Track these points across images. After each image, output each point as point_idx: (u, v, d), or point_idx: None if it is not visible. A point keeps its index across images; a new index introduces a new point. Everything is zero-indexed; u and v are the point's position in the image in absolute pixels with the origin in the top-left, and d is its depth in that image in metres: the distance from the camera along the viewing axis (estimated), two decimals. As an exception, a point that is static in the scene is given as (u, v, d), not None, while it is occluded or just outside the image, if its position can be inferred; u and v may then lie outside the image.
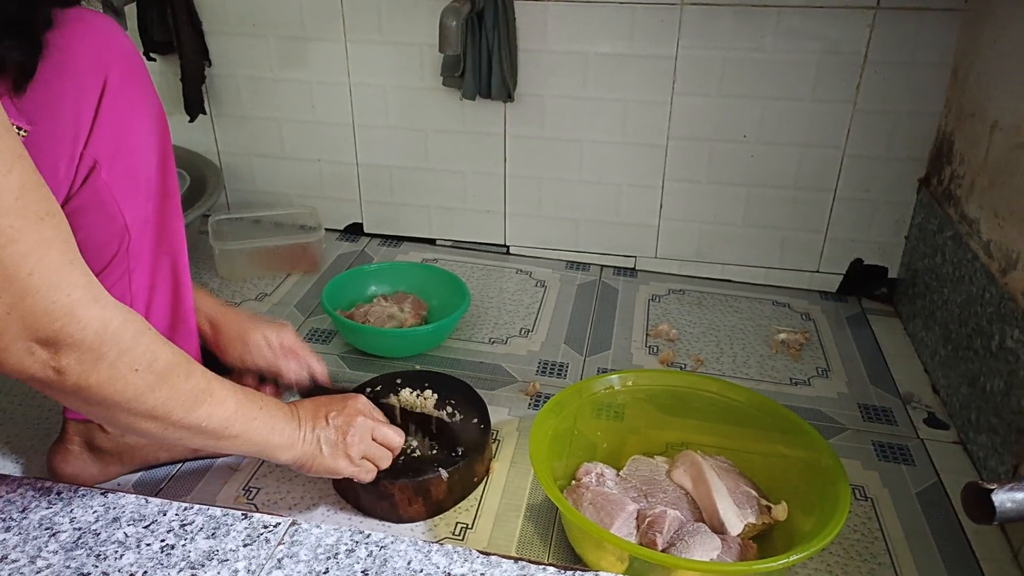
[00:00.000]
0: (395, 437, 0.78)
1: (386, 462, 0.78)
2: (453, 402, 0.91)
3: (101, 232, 0.70)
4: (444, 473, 0.80)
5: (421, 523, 0.82)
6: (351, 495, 0.83)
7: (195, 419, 0.60)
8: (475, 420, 0.88)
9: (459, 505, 0.84)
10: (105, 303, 0.53)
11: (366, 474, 0.76)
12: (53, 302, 0.49)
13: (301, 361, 0.86)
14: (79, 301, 0.50)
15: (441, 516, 0.83)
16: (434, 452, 0.85)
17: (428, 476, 0.80)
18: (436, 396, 0.91)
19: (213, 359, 0.85)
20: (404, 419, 0.87)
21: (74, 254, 0.52)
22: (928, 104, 1.14)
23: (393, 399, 0.91)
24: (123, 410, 0.56)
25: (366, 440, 0.76)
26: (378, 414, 0.79)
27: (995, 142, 0.98)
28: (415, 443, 0.85)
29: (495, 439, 0.94)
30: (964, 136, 1.07)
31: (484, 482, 0.87)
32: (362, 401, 0.78)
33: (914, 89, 1.13)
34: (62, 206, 0.68)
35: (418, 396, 0.91)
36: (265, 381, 0.86)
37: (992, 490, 0.53)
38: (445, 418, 0.88)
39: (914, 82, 1.13)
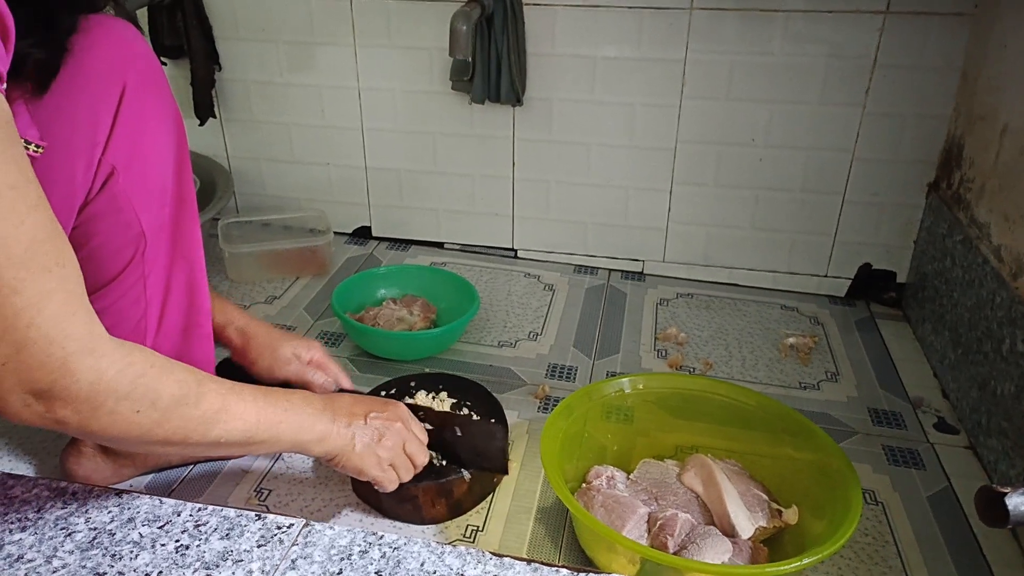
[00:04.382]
0: (421, 456, 0.78)
1: (408, 476, 0.77)
2: (469, 403, 0.91)
3: (117, 238, 0.71)
4: (467, 474, 0.81)
5: (432, 525, 0.82)
6: (372, 498, 0.83)
7: (213, 438, 0.60)
8: (493, 420, 0.88)
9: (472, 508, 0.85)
10: (102, 352, 0.52)
11: (389, 483, 0.75)
12: (48, 356, 0.49)
13: (329, 374, 0.88)
14: (73, 354, 0.50)
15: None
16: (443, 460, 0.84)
17: (451, 478, 0.80)
18: (452, 399, 0.92)
19: (241, 371, 0.86)
20: (430, 419, 0.86)
21: (77, 304, 0.51)
22: (937, 108, 1.14)
23: (421, 398, 0.91)
24: (135, 443, 0.56)
25: (397, 448, 0.75)
26: (415, 426, 0.79)
27: (1005, 146, 0.98)
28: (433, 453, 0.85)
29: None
30: (974, 140, 1.07)
31: (491, 501, 0.86)
32: (404, 410, 0.78)
33: (923, 93, 1.13)
34: (79, 212, 0.69)
35: (433, 398, 0.92)
36: None
37: (1006, 493, 0.53)
38: (473, 417, 0.88)
39: (923, 86, 1.13)
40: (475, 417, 0.88)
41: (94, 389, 0.52)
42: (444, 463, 0.83)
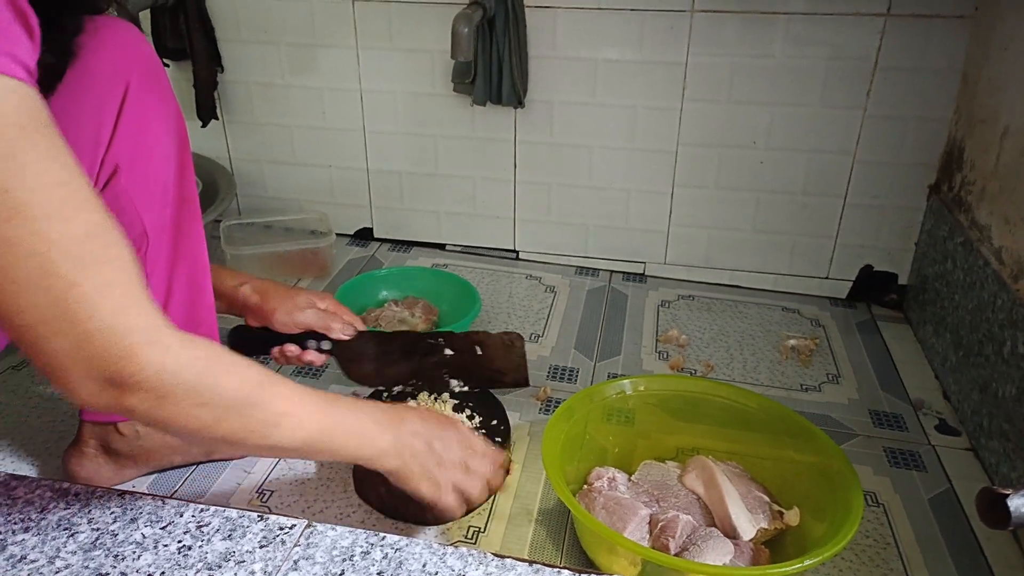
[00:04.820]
0: (489, 469, 0.76)
1: (480, 495, 0.75)
2: (471, 404, 0.91)
3: (121, 236, 0.71)
4: None
5: (434, 527, 0.82)
6: (374, 498, 0.83)
7: (272, 442, 0.60)
8: (495, 423, 0.88)
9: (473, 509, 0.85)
10: (166, 345, 0.53)
11: (448, 508, 0.73)
12: (113, 345, 0.50)
13: (346, 320, 0.91)
14: (137, 344, 0.51)
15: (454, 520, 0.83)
16: None
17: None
18: (453, 400, 0.92)
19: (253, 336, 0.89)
20: (450, 344, 0.89)
21: (137, 295, 0.52)
22: (938, 110, 1.14)
23: (423, 399, 0.92)
24: (197, 438, 0.57)
25: (458, 471, 0.73)
26: (476, 443, 0.77)
27: (1006, 148, 0.98)
28: None
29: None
30: (975, 142, 1.07)
31: (492, 502, 0.86)
32: (462, 431, 0.77)
33: (924, 95, 1.14)
34: None
35: (436, 400, 0.92)
36: (307, 347, 0.89)
37: (1007, 495, 0.53)
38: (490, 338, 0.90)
39: (924, 88, 1.13)
40: (491, 337, 0.90)
41: (160, 379, 0.52)
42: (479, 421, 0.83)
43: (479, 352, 0.85)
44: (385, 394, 0.93)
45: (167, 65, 1.36)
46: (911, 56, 1.12)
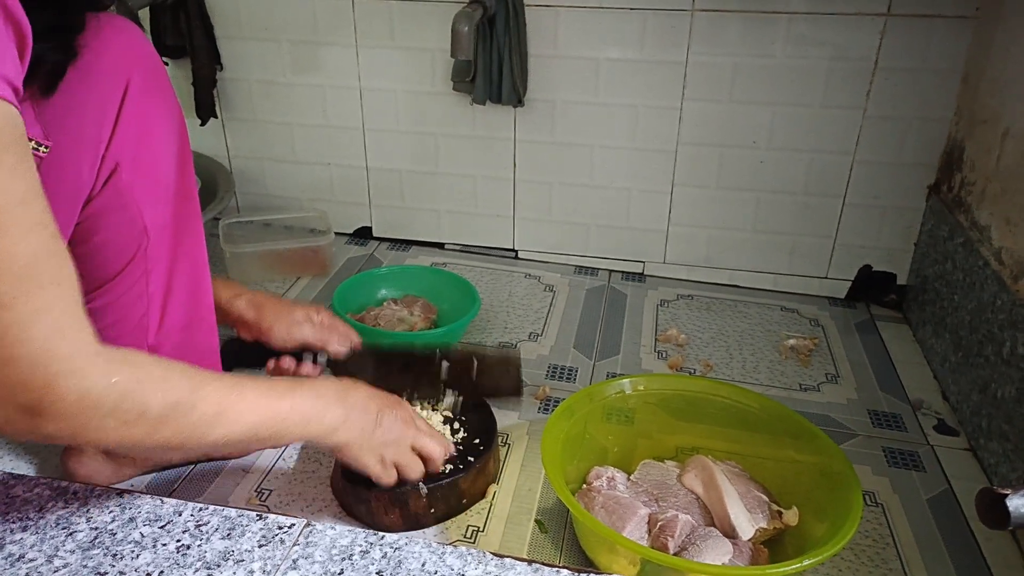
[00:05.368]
0: (436, 448, 0.79)
1: (415, 475, 0.78)
2: (464, 418, 0.90)
3: (122, 234, 0.71)
4: (423, 488, 0.79)
5: (433, 527, 0.82)
6: (340, 495, 0.84)
7: (213, 440, 0.60)
8: (476, 441, 0.87)
9: (471, 508, 0.84)
10: (88, 371, 0.52)
11: (388, 479, 0.76)
12: (32, 375, 0.49)
13: (342, 334, 0.91)
14: (57, 374, 0.50)
15: (453, 519, 0.83)
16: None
17: (405, 488, 0.78)
18: (447, 413, 0.91)
19: (248, 348, 0.88)
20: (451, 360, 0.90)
21: (69, 322, 0.51)
22: (938, 110, 1.14)
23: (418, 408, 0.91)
24: (131, 450, 0.57)
25: (404, 447, 0.76)
26: (421, 423, 0.80)
27: (1006, 149, 0.98)
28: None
29: (505, 443, 0.94)
30: (975, 143, 1.07)
31: (491, 501, 0.85)
32: (407, 408, 0.79)
33: (924, 95, 1.14)
34: (84, 207, 0.69)
35: (433, 409, 0.91)
36: (302, 360, 0.89)
37: (1007, 495, 0.53)
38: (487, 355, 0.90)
39: (924, 88, 1.13)
40: (488, 355, 0.91)
41: (80, 407, 0.51)
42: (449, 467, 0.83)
43: (476, 367, 0.86)
44: None
45: (166, 63, 1.36)
46: (912, 56, 1.11)
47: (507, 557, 0.64)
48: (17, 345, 0.48)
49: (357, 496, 0.80)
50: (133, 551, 0.63)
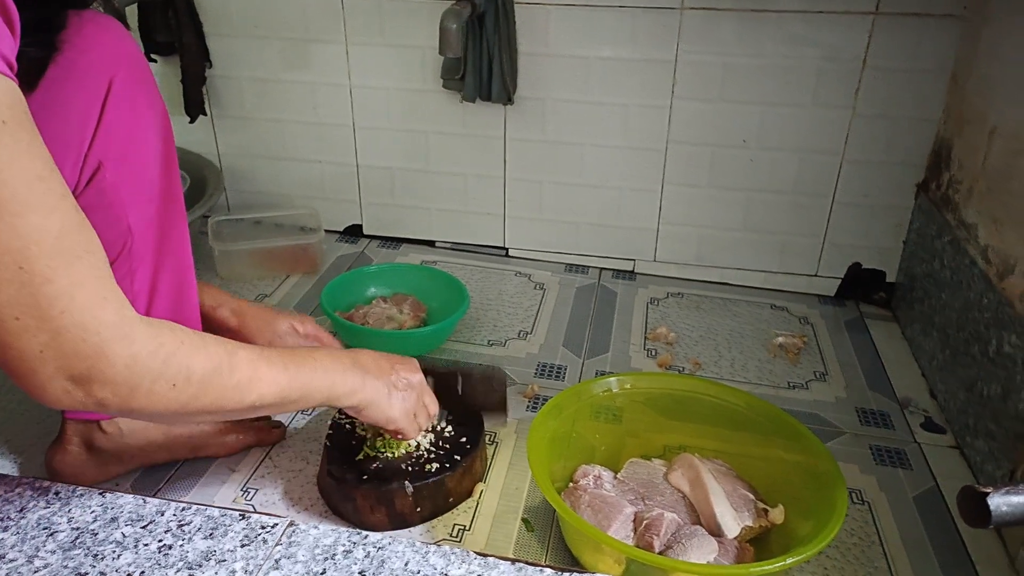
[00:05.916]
0: (434, 406, 0.82)
1: (426, 423, 0.81)
2: (451, 418, 0.89)
3: (105, 233, 0.70)
4: (410, 488, 0.79)
5: (419, 525, 0.82)
6: (326, 494, 0.84)
7: (250, 403, 0.62)
8: (463, 440, 0.86)
9: (458, 507, 0.84)
10: (134, 336, 0.53)
11: (414, 431, 0.79)
12: (83, 341, 0.51)
13: (325, 343, 0.91)
14: (107, 340, 0.51)
15: (439, 518, 0.83)
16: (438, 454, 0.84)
17: (391, 487, 0.78)
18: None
19: None
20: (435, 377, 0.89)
21: (108, 290, 0.53)
22: (927, 110, 1.14)
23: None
24: (176, 418, 0.58)
25: (418, 399, 0.79)
26: (425, 379, 0.83)
27: (994, 148, 0.98)
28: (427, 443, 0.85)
29: (492, 442, 0.94)
30: (963, 142, 1.07)
31: (478, 499, 0.85)
32: (415, 363, 0.81)
33: (913, 95, 1.14)
34: None
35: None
36: None
37: (988, 493, 0.53)
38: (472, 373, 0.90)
39: (913, 88, 1.13)
40: (473, 372, 0.90)
41: (130, 371, 0.53)
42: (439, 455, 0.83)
43: (459, 388, 0.86)
44: None
45: (155, 60, 1.35)
46: (900, 55, 1.12)
47: (491, 556, 0.64)
48: (65, 315, 0.50)
49: (343, 495, 0.80)
50: (114, 551, 0.63)
